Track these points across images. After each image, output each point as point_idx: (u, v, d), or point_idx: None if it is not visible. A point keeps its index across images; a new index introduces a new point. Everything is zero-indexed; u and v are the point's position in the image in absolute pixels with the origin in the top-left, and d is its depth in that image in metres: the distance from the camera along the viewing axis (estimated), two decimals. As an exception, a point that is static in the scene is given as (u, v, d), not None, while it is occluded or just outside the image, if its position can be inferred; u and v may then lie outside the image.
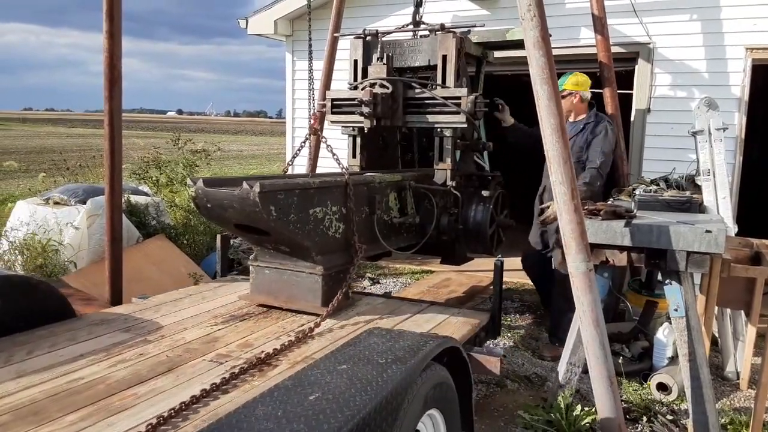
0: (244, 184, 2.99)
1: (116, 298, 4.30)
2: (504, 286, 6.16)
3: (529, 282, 6.33)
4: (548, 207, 4.37)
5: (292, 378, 2.08)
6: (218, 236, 4.18)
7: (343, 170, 3.70)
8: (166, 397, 2.24)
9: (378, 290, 6.18)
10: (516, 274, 6.45)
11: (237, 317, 3.25)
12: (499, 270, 3.61)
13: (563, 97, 4.43)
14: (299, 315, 3.28)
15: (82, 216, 5.45)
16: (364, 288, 6.25)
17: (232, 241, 6.82)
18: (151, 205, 6.26)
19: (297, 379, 2.06)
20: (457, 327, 3.24)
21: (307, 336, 2.91)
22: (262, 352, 2.67)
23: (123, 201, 5.71)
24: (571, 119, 4.70)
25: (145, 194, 6.71)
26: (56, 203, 5.76)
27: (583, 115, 4.69)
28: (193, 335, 2.94)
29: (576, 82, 4.68)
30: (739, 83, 5.59)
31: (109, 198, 4.27)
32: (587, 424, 3.24)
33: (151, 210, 6.21)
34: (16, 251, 5.22)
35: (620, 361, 4.06)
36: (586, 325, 2.76)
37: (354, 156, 4.76)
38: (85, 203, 5.61)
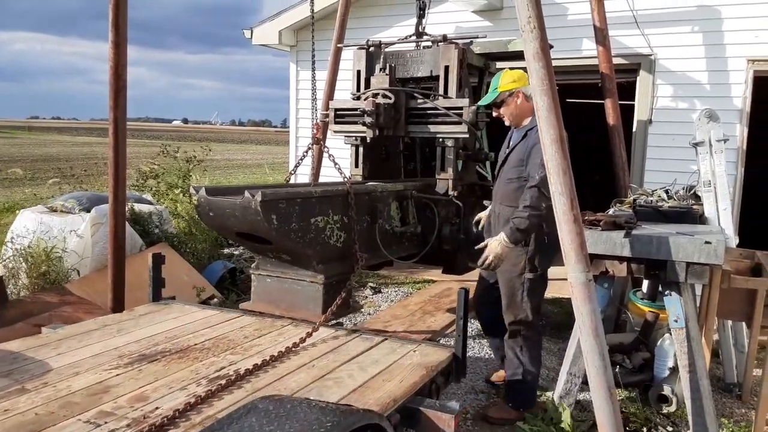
0: (246, 193, 3.02)
1: (118, 306, 4.32)
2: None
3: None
4: (485, 247, 3.44)
5: None
6: (150, 255, 3.70)
7: (345, 179, 3.73)
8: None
9: (380, 300, 6.19)
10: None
11: (147, 357, 2.76)
12: (463, 299, 2.96)
13: (502, 102, 3.60)
14: (223, 354, 2.82)
15: (86, 224, 5.49)
16: (366, 297, 6.26)
17: (233, 251, 6.87)
18: (155, 214, 6.29)
19: None
20: (408, 372, 2.68)
21: (220, 389, 2.37)
22: (156, 408, 2.20)
23: (126, 209, 5.74)
24: (518, 126, 3.70)
25: (149, 203, 6.75)
26: (60, 211, 5.80)
27: (529, 119, 3.56)
28: (82, 383, 2.45)
29: (513, 79, 3.60)
30: (741, 95, 5.62)
31: (113, 206, 4.31)
32: (586, 435, 3.25)
33: (155, 218, 6.25)
34: (21, 258, 5.25)
35: (621, 371, 4.06)
36: (585, 336, 2.76)
37: (356, 165, 4.79)
38: (89, 211, 5.65)
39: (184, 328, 3.20)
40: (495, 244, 3.37)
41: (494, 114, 3.78)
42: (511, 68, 3.94)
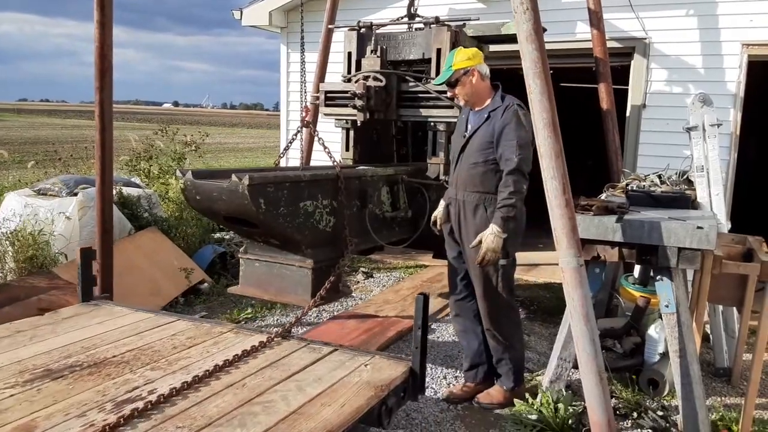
0: (233, 177, 2.98)
1: (106, 290, 4.27)
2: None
3: (524, 277, 6.34)
4: (479, 241, 3.29)
5: None
6: (78, 249, 3.32)
7: (335, 163, 3.68)
8: None
9: (372, 284, 6.17)
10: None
11: (52, 373, 2.40)
12: (422, 306, 2.60)
13: (457, 81, 3.40)
14: (142, 369, 2.47)
15: (73, 207, 5.42)
16: (358, 282, 6.24)
17: (223, 235, 6.82)
18: (144, 197, 6.22)
19: None
20: (353, 392, 2.32)
21: (123, 419, 2.02)
22: None
23: (115, 193, 5.66)
24: (475, 107, 3.51)
25: (138, 186, 6.68)
26: (48, 194, 5.72)
27: (488, 101, 3.44)
28: None
29: (468, 56, 3.40)
30: (735, 79, 5.59)
31: (100, 189, 4.24)
32: (575, 419, 3.24)
33: (144, 202, 6.18)
34: (7, 242, 5.18)
35: (612, 356, 4.06)
36: (576, 321, 2.75)
37: (347, 149, 4.74)
38: (76, 195, 5.58)
39: (106, 336, 2.84)
40: (490, 239, 3.22)
41: (449, 94, 3.59)
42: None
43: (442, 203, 3.69)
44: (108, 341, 2.78)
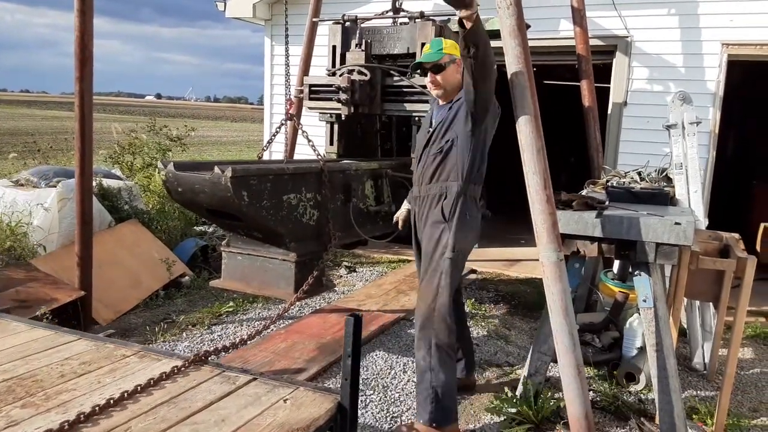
0: (216, 169, 2.96)
1: (86, 283, 4.23)
2: (479, 277, 6.24)
3: (506, 273, 6.39)
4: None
5: None
6: None
7: (319, 157, 3.68)
8: None
9: (354, 279, 6.17)
10: (491, 265, 6.50)
11: None
12: (354, 327, 2.08)
13: (442, 67, 3.16)
14: (11, 406, 1.98)
15: (52, 199, 5.35)
16: (341, 276, 6.24)
17: (205, 228, 6.78)
18: (124, 189, 6.16)
19: None
20: None
21: None
22: None
23: (95, 184, 5.60)
24: (442, 101, 3.27)
25: (119, 178, 6.61)
26: (26, 185, 5.64)
27: (459, 93, 3.20)
28: None
29: (455, 46, 3.15)
30: (715, 78, 5.67)
31: (79, 181, 4.19)
32: (554, 412, 3.28)
33: (124, 194, 6.11)
34: (-16, 234, 5.11)
35: (590, 350, 4.11)
36: (555, 315, 2.78)
37: (331, 143, 4.74)
38: (56, 186, 5.50)
39: None
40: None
41: (428, 80, 3.23)
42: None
43: (405, 204, 3.57)
44: None
